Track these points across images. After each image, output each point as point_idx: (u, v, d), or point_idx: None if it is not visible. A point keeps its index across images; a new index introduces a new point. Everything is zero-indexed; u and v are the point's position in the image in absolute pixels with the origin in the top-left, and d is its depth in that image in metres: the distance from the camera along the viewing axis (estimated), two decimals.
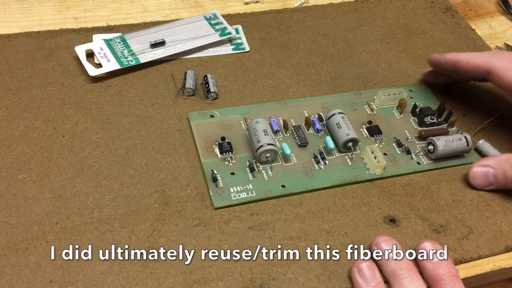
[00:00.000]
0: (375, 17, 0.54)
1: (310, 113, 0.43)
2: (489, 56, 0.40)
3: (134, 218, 0.35)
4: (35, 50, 0.45)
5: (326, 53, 0.49)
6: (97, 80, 0.44)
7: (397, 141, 0.41)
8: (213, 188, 0.36)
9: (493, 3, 0.60)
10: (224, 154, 0.38)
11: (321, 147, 0.40)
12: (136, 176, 0.37)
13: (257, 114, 0.42)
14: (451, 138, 0.40)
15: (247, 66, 0.47)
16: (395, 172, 0.39)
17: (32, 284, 0.31)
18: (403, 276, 0.32)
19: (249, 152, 0.39)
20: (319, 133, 0.41)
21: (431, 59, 0.44)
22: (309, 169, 0.39)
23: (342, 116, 0.40)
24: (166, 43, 0.47)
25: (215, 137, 0.40)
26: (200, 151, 0.39)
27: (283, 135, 0.41)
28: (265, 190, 0.37)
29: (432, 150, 0.40)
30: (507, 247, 0.36)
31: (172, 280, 0.32)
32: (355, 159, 0.40)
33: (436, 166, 0.40)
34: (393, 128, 0.42)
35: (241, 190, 0.37)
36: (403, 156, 0.40)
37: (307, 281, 0.33)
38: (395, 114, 0.44)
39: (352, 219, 0.36)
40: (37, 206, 0.35)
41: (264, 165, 0.38)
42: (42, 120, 0.40)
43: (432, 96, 0.46)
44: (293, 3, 0.55)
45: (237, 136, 0.40)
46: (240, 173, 0.38)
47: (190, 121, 0.41)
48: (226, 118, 0.42)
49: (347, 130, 0.39)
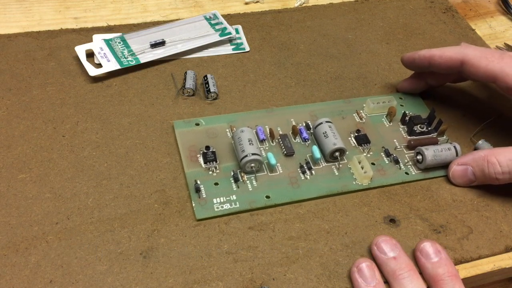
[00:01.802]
0: (375, 17, 0.54)
1: (297, 122, 0.42)
2: (462, 48, 0.40)
3: (134, 218, 0.35)
4: (35, 50, 0.45)
5: (326, 53, 0.49)
6: (97, 80, 0.44)
7: (386, 150, 0.40)
8: (196, 199, 0.36)
9: (493, 3, 0.60)
10: (208, 163, 0.38)
11: (307, 157, 0.39)
12: (136, 176, 0.37)
13: (244, 123, 0.41)
14: (440, 148, 0.39)
15: (247, 66, 0.47)
16: (382, 182, 0.38)
17: (32, 284, 0.31)
18: (403, 276, 0.32)
19: (234, 161, 0.38)
20: (306, 142, 0.40)
21: (404, 58, 0.43)
22: (294, 179, 0.38)
23: (329, 125, 0.40)
24: (166, 43, 0.47)
25: (200, 146, 0.39)
26: (184, 161, 0.38)
27: (269, 144, 0.40)
28: (249, 201, 0.36)
29: (420, 160, 0.39)
30: (507, 247, 0.36)
31: (172, 280, 0.32)
32: (342, 169, 0.39)
33: (424, 176, 0.39)
34: (382, 137, 0.42)
35: (225, 201, 0.36)
36: (391, 166, 0.40)
37: (307, 281, 0.33)
38: (384, 123, 0.43)
39: (352, 219, 0.36)
40: (37, 206, 0.35)
41: (248, 175, 0.37)
42: (42, 120, 0.40)
43: (422, 104, 0.45)
44: (293, 3, 0.55)
45: (222, 145, 0.39)
46: (224, 184, 0.37)
47: (174, 129, 0.40)
48: (212, 126, 0.41)
49: (334, 139, 0.39)
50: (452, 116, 0.44)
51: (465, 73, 0.40)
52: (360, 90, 0.46)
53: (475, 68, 0.38)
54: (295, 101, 0.44)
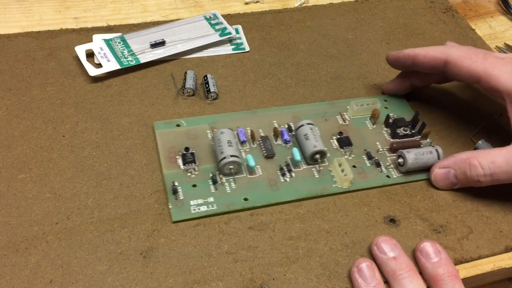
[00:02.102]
0: (375, 17, 0.54)
1: (280, 123, 0.41)
2: (446, 48, 0.39)
3: (134, 218, 0.35)
4: (35, 50, 0.45)
5: (326, 53, 0.49)
6: (97, 80, 0.44)
7: (368, 153, 0.40)
8: (173, 200, 0.35)
9: (493, 3, 0.60)
10: (187, 165, 0.37)
11: (288, 159, 0.39)
12: (136, 176, 0.37)
13: (225, 124, 0.40)
14: (422, 151, 0.39)
15: (247, 66, 0.47)
16: (363, 185, 0.38)
17: (32, 284, 0.31)
18: (403, 276, 0.32)
19: (214, 163, 0.38)
20: (287, 144, 0.40)
21: (389, 56, 0.43)
22: (274, 181, 0.37)
23: (310, 127, 0.39)
24: (166, 43, 0.47)
25: (180, 147, 0.38)
26: (163, 162, 0.37)
27: (250, 146, 0.39)
28: (227, 203, 0.36)
29: (402, 163, 0.39)
30: (507, 247, 0.36)
31: (172, 280, 0.32)
32: (322, 171, 0.38)
33: (406, 179, 0.39)
34: (365, 140, 0.41)
35: (202, 203, 0.35)
36: (372, 169, 0.39)
37: (307, 281, 0.33)
38: (367, 125, 0.42)
39: (352, 219, 0.36)
40: (37, 206, 0.35)
41: (227, 177, 0.37)
42: (42, 120, 0.40)
43: (407, 106, 0.44)
44: (293, 3, 0.55)
45: (202, 146, 0.39)
46: (202, 185, 0.36)
47: (155, 130, 0.40)
48: (193, 127, 0.40)
49: (314, 141, 0.38)
50: (452, 116, 0.44)
51: (448, 73, 0.39)
52: (360, 90, 0.46)
53: (458, 68, 0.38)
54: (295, 101, 0.44)
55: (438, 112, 0.44)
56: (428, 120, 0.43)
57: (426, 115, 0.44)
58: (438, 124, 0.44)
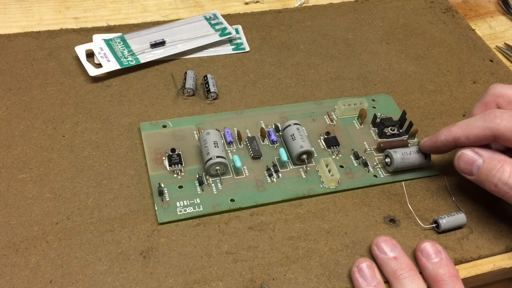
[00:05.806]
0: (375, 17, 0.54)
1: (267, 124, 0.41)
2: (486, 122, 0.35)
3: (134, 218, 0.35)
4: (35, 50, 0.45)
5: (326, 53, 0.49)
6: (97, 80, 0.44)
7: (355, 153, 0.40)
8: (159, 202, 0.35)
9: (493, 3, 0.60)
10: (173, 166, 0.37)
11: (275, 160, 0.39)
12: (136, 176, 0.37)
13: (212, 124, 0.41)
14: (409, 151, 0.38)
15: (247, 66, 0.47)
16: (350, 185, 0.38)
17: (32, 284, 0.31)
18: (404, 276, 0.32)
19: (200, 164, 0.38)
20: (274, 144, 0.40)
21: (425, 147, 0.39)
22: (260, 182, 0.37)
23: (297, 127, 0.39)
24: (166, 43, 0.47)
25: (166, 148, 0.38)
26: (149, 163, 0.37)
27: (237, 146, 0.39)
28: (213, 204, 0.36)
29: (389, 162, 0.39)
30: (507, 247, 0.36)
31: (172, 280, 0.32)
32: (309, 172, 0.38)
33: (393, 179, 0.39)
34: (352, 140, 0.41)
35: (188, 204, 0.35)
36: (360, 168, 0.39)
37: (307, 281, 0.33)
38: (355, 125, 0.42)
39: (352, 219, 0.36)
40: (37, 206, 0.35)
41: (214, 178, 0.37)
42: (42, 120, 0.40)
43: (395, 106, 0.44)
44: (293, 3, 0.55)
45: (189, 147, 0.39)
46: (188, 187, 0.36)
47: (141, 132, 0.39)
48: (179, 128, 0.40)
49: (301, 142, 0.38)
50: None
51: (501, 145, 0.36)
52: (360, 90, 0.46)
53: None
54: (295, 101, 0.44)
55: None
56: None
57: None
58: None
